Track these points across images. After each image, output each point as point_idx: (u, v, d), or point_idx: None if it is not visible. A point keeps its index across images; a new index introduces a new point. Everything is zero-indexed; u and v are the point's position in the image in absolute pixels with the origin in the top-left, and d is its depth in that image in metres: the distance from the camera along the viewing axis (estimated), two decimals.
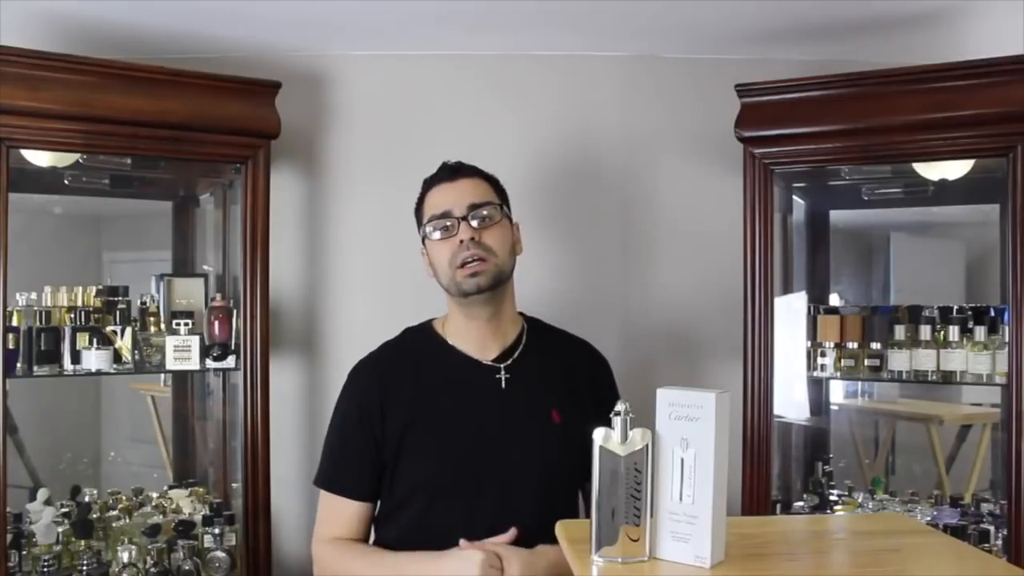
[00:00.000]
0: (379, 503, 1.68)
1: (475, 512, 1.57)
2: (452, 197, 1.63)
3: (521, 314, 1.75)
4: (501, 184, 1.72)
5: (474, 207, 1.61)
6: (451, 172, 1.67)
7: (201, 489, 2.25)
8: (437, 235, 1.63)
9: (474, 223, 1.60)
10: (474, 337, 1.67)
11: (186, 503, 2.16)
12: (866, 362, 2.13)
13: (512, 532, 1.53)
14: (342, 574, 1.62)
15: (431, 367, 1.68)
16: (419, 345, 1.72)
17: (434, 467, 1.60)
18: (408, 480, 1.61)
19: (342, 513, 1.66)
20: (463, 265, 1.59)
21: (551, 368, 1.70)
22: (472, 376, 1.65)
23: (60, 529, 1.96)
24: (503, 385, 1.64)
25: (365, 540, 1.69)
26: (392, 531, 1.64)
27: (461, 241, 1.59)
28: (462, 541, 1.52)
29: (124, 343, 2.02)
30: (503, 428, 1.61)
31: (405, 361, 1.69)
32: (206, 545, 2.01)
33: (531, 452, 1.59)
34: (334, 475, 1.67)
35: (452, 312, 1.69)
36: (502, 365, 1.66)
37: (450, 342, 1.69)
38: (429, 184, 1.70)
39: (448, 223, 1.61)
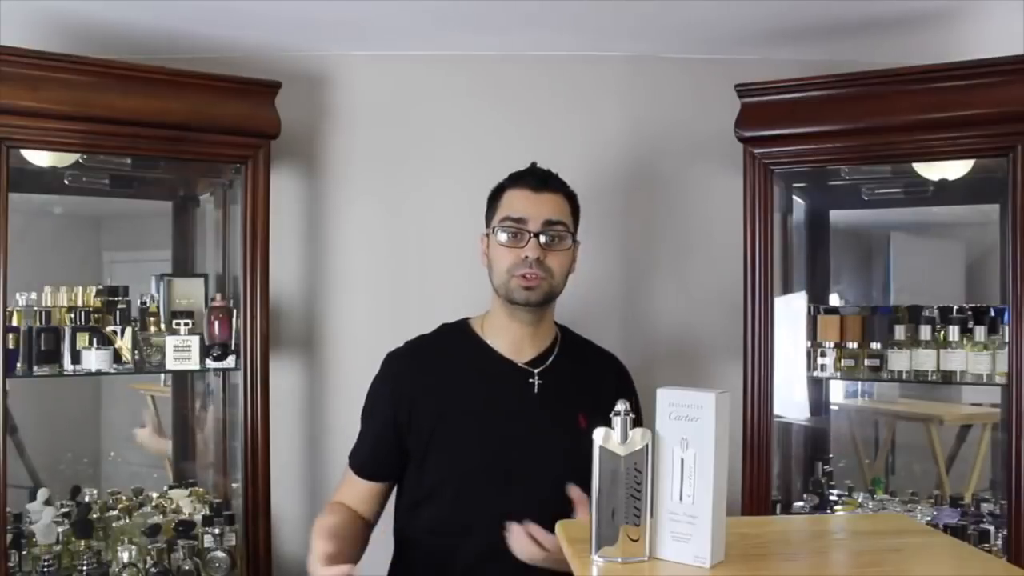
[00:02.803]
0: (408, 491, 1.71)
1: (501, 507, 1.58)
2: (532, 209, 1.65)
3: (554, 322, 1.78)
4: (578, 201, 1.74)
5: (549, 224, 1.64)
6: (539, 182, 1.68)
7: (201, 489, 2.25)
8: (505, 237, 1.65)
9: (543, 240, 1.63)
10: (512, 338, 1.71)
11: (186, 503, 2.16)
12: (866, 362, 2.12)
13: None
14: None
15: (466, 362, 1.71)
16: (454, 340, 1.75)
17: (463, 460, 1.63)
18: (437, 471, 1.64)
19: (352, 487, 1.74)
20: (521, 276, 1.63)
21: (581, 377, 1.73)
22: (506, 376, 1.69)
23: (60, 529, 1.96)
24: (535, 389, 1.69)
25: (370, 517, 1.74)
26: (420, 520, 1.68)
27: (526, 257, 1.62)
28: None
29: (124, 343, 2.02)
30: (533, 428, 1.64)
31: (439, 354, 1.74)
32: (206, 545, 2.01)
33: (559, 453, 1.60)
34: (354, 451, 1.75)
35: (495, 309, 1.72)
36: (536, 370, 1.70)
37: (486, 341, 1.72)
38: (514, 182, 1.70)
39: (519, 231, 1.64)
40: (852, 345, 2.15)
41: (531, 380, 1.69)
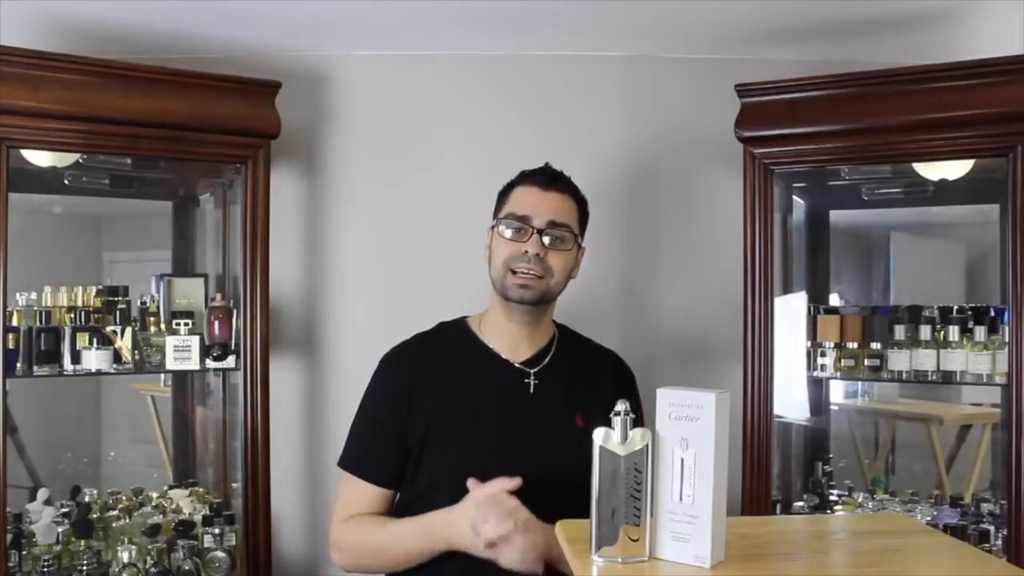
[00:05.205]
0: (404, 491, 1.69)
1: None
2: (538, 206, 1.64)
3: (552, 320, 1.77)
4: (587, 207, 1.74)
5: (553, 225, 1.63)
6: (548, 180, 1.67)
7: (201, 489, 2.25)
8: (508, 232, 1.65)
9: (546, 240, 1.63)
10: (509, 337, 1.70)
11: (186, 503, 2.16)
12: (866, 362, 2.12)
13: (517, 480, 1.50)
14: (363, 544, 1.63)
15: (461, 362, 1.70)
16: (451, 340, 1.74)
17: (457, 462, 1.61)
18: (431, 472, 1.62)
19: (364, 497, 1.67)
20: (517, 273, 1.62)
21: (578, 376, 1.72)
22: (502, 376, 1.68)
23: (60, 529, 1.96)
24: (531, 390, 1.67)
25: None
26: None
27: (526, 252, 1.61)
28: (470, 482, 1.52)
29: (124, 343, 2.02)
30: (528, 429, 1.63)
31: (436, 354, 1.72)
32: (206, 545, 2.01)
33: (554, 454, 1.60)
34: (358, 458, 1.68)
35: (493, 308, 1.71)
36: (532, 370, 1.69)
37: (483, 340, 1.71)
38: (523, 179, 1.70)
39: (523, 227, 1.64)
40: (852, 345, 2.15)
41: (527, 380, 1.68)
